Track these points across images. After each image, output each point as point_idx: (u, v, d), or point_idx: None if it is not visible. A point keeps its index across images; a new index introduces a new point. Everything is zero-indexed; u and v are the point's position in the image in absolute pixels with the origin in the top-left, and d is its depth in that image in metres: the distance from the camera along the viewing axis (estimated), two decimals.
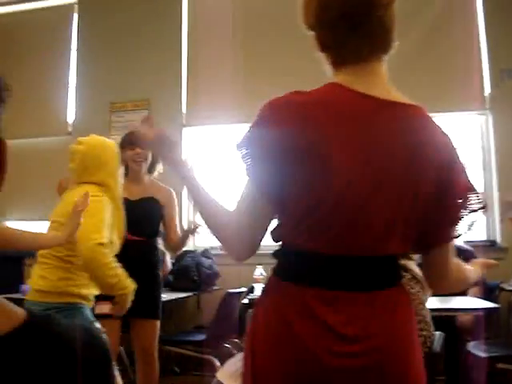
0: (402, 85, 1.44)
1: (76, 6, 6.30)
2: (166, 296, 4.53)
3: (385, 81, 1.39)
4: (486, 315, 3.74)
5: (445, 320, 3.58)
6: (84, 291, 2.60)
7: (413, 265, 2.50)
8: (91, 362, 0.63)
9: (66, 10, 6.34)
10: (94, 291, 2.65)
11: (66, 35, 6.28)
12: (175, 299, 4.73)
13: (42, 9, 6.41)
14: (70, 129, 6.08)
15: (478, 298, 3.95)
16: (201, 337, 4.57)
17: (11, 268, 4.73)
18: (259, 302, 1.44)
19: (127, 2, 6.03)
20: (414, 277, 2.45)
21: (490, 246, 5.06)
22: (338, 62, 1.40)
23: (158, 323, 3.59)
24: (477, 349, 3.82)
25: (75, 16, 6.30)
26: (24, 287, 4.65)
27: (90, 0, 6.22)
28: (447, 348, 3.27)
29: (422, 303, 2.48)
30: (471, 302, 3.79)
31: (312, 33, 1.43)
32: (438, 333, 2.84)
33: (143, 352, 3.52)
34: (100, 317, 2.77)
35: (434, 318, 2.58)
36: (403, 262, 2.44)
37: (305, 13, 1.42)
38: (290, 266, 1.38)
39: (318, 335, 1.28)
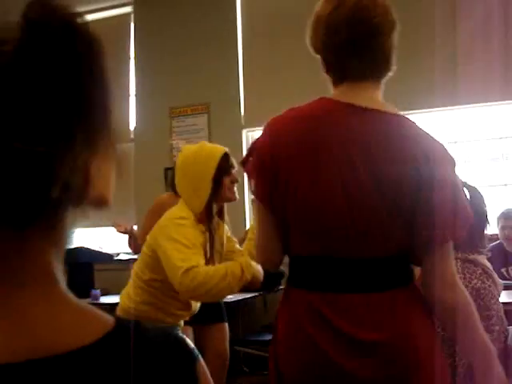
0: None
1: (132, 16, 6.42)
2: (232, 297, 4.55)
3: (376, 96, 1.49)
4: None
5: None
6: (169, 320, 2.42)
7: (483, 259, 2.44)
8: (179, 365, 0.64)
9: (122, 19, 6.45)
10: (184, 318, 2.50)
11: (124, 44, 6.39)
12: (242, 299, 4.75)
13: (99, 20, 6.53)
14: (132, 136, 6.20)
15: None
16: (269, 336, 4.55)
17: (82, 273, 4.83)
18: (278, 311, 1.54)
19: (181, 9, 6.08)
20: (485, 271, 2.39)
21: None
22: (338, 81, 1.52)
23: (227, 325, 3.59)
24: None
25: (131, 25, 6.41)
26: (94, 292, 4.76)
27: (145, 9, 6.29)
28: None
29: (494, 297, 2.41)
30: None
31: (318, 55, 1.56)
32: None
33: (218, 357, 3.35)
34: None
35: (506, 312, 2.51)
36: (472, 257, 2.38)
37: (312, 37, 1.54)
38: (293, 273, 1.51)
39: (329, 338, 1.37)
